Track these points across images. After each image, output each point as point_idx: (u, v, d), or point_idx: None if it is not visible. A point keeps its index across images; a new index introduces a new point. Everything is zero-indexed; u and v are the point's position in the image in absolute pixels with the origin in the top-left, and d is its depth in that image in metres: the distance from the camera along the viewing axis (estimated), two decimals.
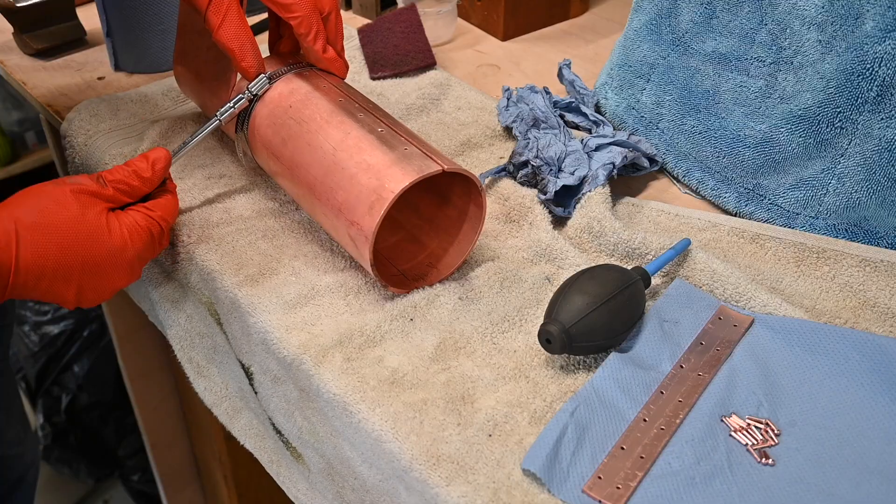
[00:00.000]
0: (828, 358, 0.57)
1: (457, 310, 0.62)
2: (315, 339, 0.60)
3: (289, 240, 0.70)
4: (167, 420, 1.34)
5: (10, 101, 1.93)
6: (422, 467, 0.52)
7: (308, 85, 0.68)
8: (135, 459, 1.77)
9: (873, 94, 0.63)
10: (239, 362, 0.69)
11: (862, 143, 0.65)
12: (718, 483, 0.50)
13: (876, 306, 0.62)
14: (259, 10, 1.04)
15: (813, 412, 0.54)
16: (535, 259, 0.68)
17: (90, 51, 1.01)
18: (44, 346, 1.73)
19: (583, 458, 0.51)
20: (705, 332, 0.60)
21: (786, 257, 0.67)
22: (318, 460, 0.64)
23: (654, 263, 0.63)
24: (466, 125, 0.84)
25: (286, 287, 0.65)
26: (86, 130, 0.84)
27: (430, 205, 0.67)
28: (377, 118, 0.65)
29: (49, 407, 1.74)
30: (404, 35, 0.94)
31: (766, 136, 0.70)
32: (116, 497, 1.85)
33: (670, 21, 0.77)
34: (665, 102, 0.78)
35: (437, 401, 0.55)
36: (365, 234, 0.58)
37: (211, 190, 0.75)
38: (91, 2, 1.07)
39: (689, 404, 0.55)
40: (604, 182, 0.71)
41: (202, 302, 0.71)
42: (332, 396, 0.57)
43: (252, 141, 0.70)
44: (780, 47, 0.69)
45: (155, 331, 0.90)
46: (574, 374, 0.57)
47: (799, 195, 0.69)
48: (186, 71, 0.78)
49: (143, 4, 0.89)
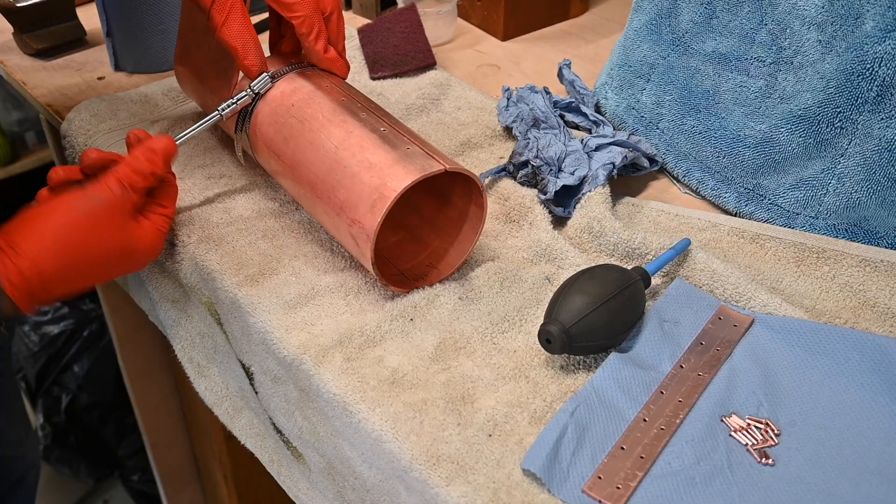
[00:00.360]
0: (828, 358, 0.57)
1: (457, 310, 0.62)
2: (315, 339, 0.60)
3: (289, 240, 0.70)
4: (167, 420, 1.34)
5: (10, 101, 1.93)
6: (422, 467, 0.52)
7: (310, 84, 0.68)
8: (135, 459, 1.77)
9: (873, 94, 0.63)
10: (239, 362, 0.69)
11: (862, 143, 0.65)
12: (718, 483, 0.50)
13: (876, 306, 0.62)
14: (261, 10, 1.04)
15: (813, 412, 0.54)
16: (535, 259, 0.68)
17: (90, 51, 1.01)
18: (44, 346, 1.73)
19: (583, 458, 0.51)
20: (705, 332, 0.60)
21: (786, 257, 0.67)
22: (318, 460, 0.64)
23: (654, 263, 0.63)
24: (466, 125, 0.84)
25: (286, 287, 0.65)
26: (86, 130, 0.84)
27: (431, 205, 0.68)
28: (379, 118, 0.65)
29: (49, 407, 1.74)
30: (404, 35, 0.94)
31: (766, 136, 0.70)
32: (116, 497, 1.85)
33: (670, 21, 0.77)
34: (665, 102, 0.78)
35: (437, 401, 0.55)
36: (366, 232, 0.58)
37: (211, 190, 0.75)
38: (91, 2, 1.07)
39: (689, 404, 0.55)
40: (604, 182, 0.71)
41: (202, 302, 0.71)
42: (332, 396, 0.57)
43: (253, 139, 0.70)
44: (780, 47, 0.69)
45: (155, 331, 0.90)
46: (574, 374, 0.57)
47: (799, 195, 0.69)
48: (188, 70, 0.78)
49: (143, 4, 0.89)
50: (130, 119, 0.85)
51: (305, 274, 0.66)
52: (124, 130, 0.83)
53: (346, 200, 0.60)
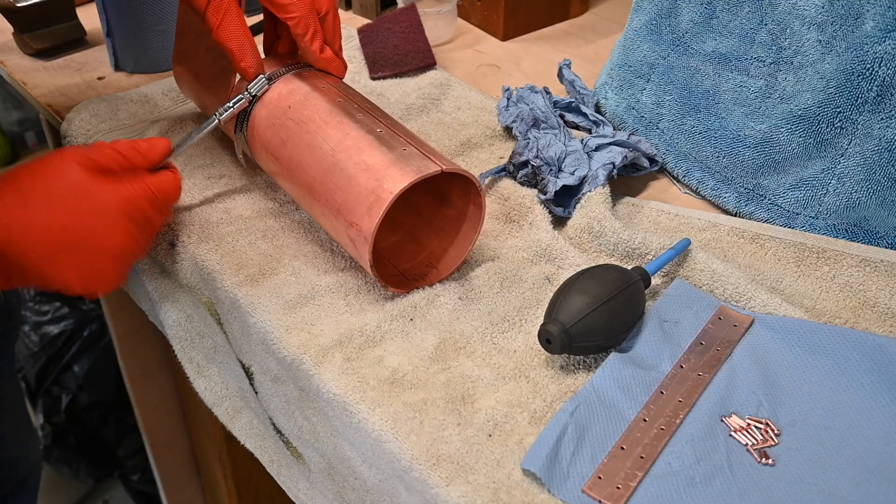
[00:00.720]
0: (828, 358, 0.57)
1: (457, 310, 0.62)
2: (315, 339, 0.60)
3: (289, 240, 0.70)
4: (167, 420, 1.34)
5: (10, 101, 1.93)
6: (422, 467, 0.52)
7: (307, 85, 0.68)
8: (135, 459, 1.76)
9: (873, 94, 0.63)
10: (239, 362, 0.69)
11: (862, 143, 0.65)
12: (718, 483, 0.50)
13: (876, 306, 0.62)
14: (256, 11, 1.04)
15: (813, 412, 0.54)
16: (535, 259, 0.68)
17: (90, 51, 1.01)
18: (44, 346, 1.72)
19: (583, 458, 0.51)
20: (705, 332, 0.60)
21: (786, 257, 0.67)
22: (318, 460, 0.64)
23: (654, 263, 0.63)
24: (466, 125, 0.84)
25: (286, 287, 0.65)
26: (86, 130, 0.84)
27: (430, 205, 0.67)
28: (376, 118, 0.65)
29: (49, 407, 1.74)
30: (404, 35, 0.94)
31: (766, 136, 0.70)
32: (116, 497, 1.85)
33: (670, 21, 0.77)
34: (665, 102, 0.78)
35: (437, 401, 0.55)
36: (364, 234, 0.58)
37: (211, 190, 0.75)
38: (91, 2, 1.07)
39: (689, 404, 0.55)
40: (604, 182, 0.71)
41: (202, 302, 0.71)
42: (332, 396, 0.57)
43: (251, 141, 0.70)
44: (780, 47, 0.69)
45: (155, 331, 0.90)
46: (574, 374, 0.57)
47: (799, 195, 0.69)
48: (186, 71, 0.78)
49: (143, 4, 0.89)
50: (130, 119, 0.85)
51: (305, 274, 0.66)
52: (124, 130, 0.83)
53: (343, 203, 0.60)
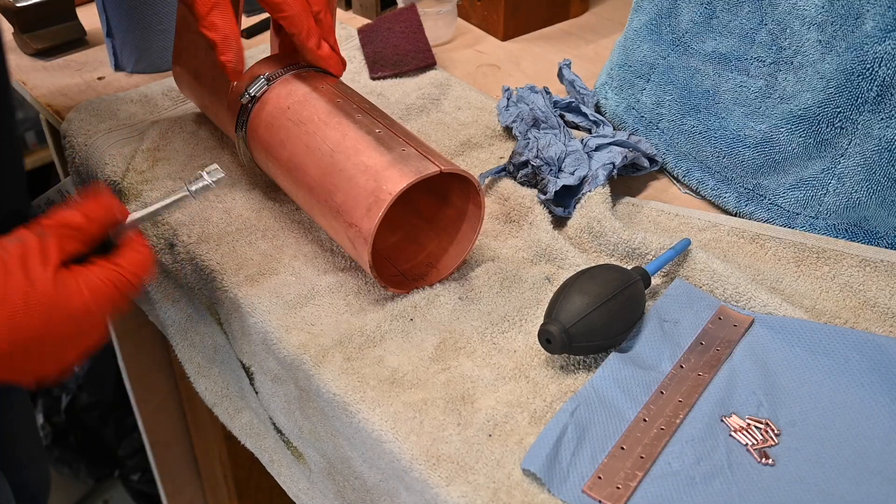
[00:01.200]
0: (828, 358, 0.57)
1: (457, 310, 0.62)
2: (315, 339, 0.60)
3: (289, 240, 0.70)
4: (167, 420, 1.34)
5: None
6: (422, 467, 0.52)
7: (306, 86, 0.68)
8: (135, 459, 1.76)
9: (873, 94, 0.63)
10: (239, 362, 0.69)
11: (862, 143, 0.65)
12: (718, 483, 0.50)
13: (876, 306, 0.62)
14: (257, 11, 1.04)
15: (813, 412, 0.54)
16: (535, 259, 0.68)
17: (90, 51, 1.01)
18: None
19: (583, 458, 0.51)
20: (705, 332, 0.60)
21: (786, 257, 0.67)
22: (318, 459, 0.64)
23: (654, 263, 0.63)
24: (466, 125, 0.84)
25: (286, 287, 0.65)
26: (86, 130, 0.84)
27: (429, 205, 0.67)
28: (375, 119, 0.65)
29: (49, 407, 1.74)
30: (404, 35, 0.94)
31: (766, 136, 0.70)
32: (116, 497, 1.85)
33: (670, 21, 0.77)
34: (665, 102, 0.78)
35: (437, 401, 0.55)
36: (363, 235, 0.58)
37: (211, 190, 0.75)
38: (91, 2, 1.07)
39: (689, 404, 0.55)
40: (604, 182, 0.71)
41: (202, 302, 0.71)
42: (332, 396, 0.57)
43: (251, 142, 0.70)
44: (780, 47, 0.69)
45: (155, 331, 0.90)
46: (574, 374, 0.57)
47: (799, 195, 0.69)
48: (185, 71, 0.78)
49: (143, 4, 0.89)
50: (130, 119, 0.85)
51: (305, 274, 0.66)
52: (124, 130, 0.83)
53: (342, 204, 0.60)
